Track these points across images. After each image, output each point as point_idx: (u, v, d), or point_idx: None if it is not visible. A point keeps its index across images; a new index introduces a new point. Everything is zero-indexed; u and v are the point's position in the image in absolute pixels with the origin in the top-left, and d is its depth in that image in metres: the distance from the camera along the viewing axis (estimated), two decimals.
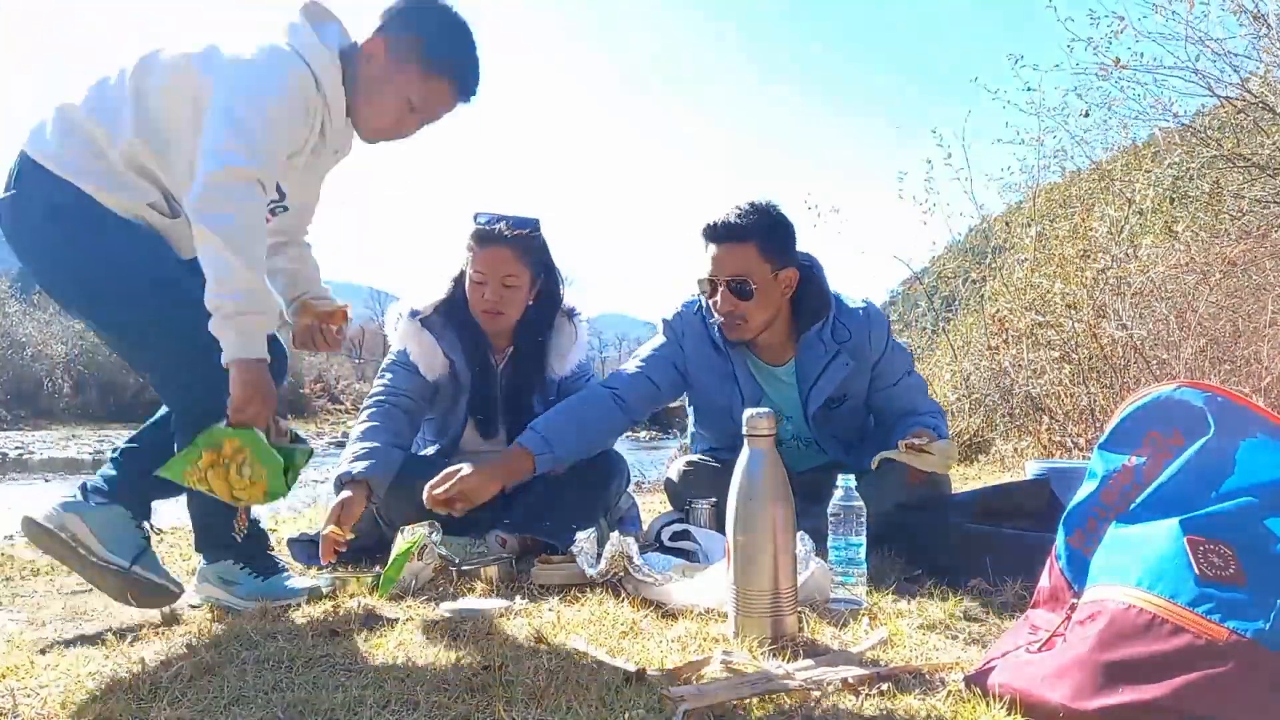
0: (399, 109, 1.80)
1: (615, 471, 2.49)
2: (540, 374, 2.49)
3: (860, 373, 2.37)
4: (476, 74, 1.83)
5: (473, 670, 1.27)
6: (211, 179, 1.55)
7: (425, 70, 1.77)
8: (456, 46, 1.81)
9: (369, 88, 1.78)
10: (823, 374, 2.33)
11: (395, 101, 1.79)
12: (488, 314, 2.36)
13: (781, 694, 1.14)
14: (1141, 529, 1.12)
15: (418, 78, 1.77)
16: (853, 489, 1.71)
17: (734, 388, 2.38)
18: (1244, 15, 5.21)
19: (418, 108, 1.80)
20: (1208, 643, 0.97)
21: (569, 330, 2.50)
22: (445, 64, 1.79)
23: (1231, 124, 5.68)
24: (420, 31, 1.77)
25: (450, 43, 1.80)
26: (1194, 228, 5.50)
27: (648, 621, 1.59)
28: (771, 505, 1.42)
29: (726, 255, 2.22)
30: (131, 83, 1.66)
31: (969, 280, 7.21)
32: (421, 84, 1.78)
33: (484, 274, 2.32)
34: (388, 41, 1.77)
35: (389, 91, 1.78)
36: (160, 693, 1.24)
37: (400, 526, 1.99)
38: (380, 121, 1.81)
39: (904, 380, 2.41)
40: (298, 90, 1.67)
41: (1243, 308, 4.38)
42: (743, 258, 2.21)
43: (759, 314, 2.27)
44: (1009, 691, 1.11)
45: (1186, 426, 1.18)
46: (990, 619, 1.62)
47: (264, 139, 1.60)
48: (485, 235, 2.33)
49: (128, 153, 1.66)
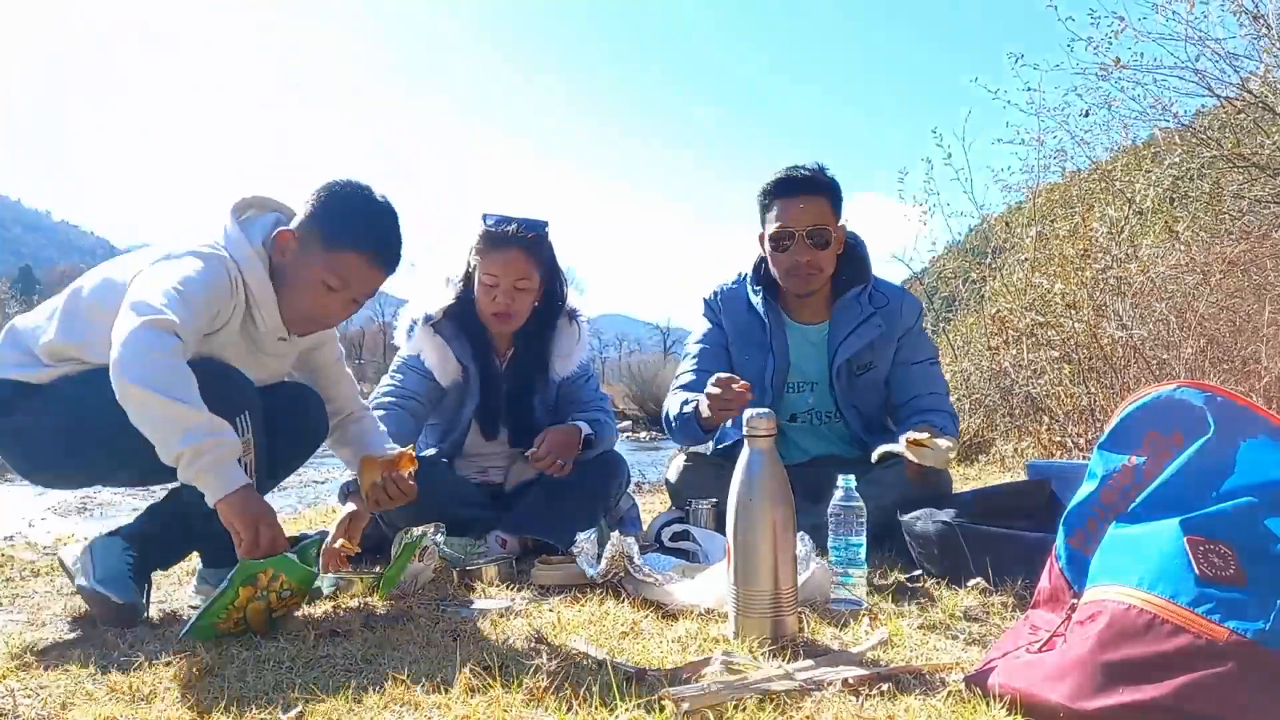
0: (315, 292, 1.79)
1: (615, 472, 2.49)
2: (543, 375, 2.48)
3: (888, 340, 2.46)
4: (388, 240, 1.81)
5: (473, 670, 1.27)
6: (126, 333, 1.53)
7: (328, 248, 1.76)
8: (359, 218, 1.79)
9: (286, 278, 1.79)
10: (854, 331, 2.44)
11: (309, 286, 1.78)
12: (498, 316, 2.35)
13: (782, 695, 1.14)
14: (1141, 529, 1.12)
15: (322, 257, 1.76)
16: (853, 489, 1.71)
17: (768, 355, 2.47)
18: (1244, 16, 5.21)
19: (336, 287, 1.79)
20: (1208, 643, 0.97)
21: (571, 331, 2.49)
22: (347, 237, 1.77)
23: (1232, 124, 5.68)
24: (319, 212, 1.78)
25: (351, 215, 1.78)
26: (1194, 228, 5.50)
27: (648, 622, 1.59)
28: (771, 506, 1.42)
29: (807, 206, 2.36)
30: (66, 303, 1.77)
31: (969, 280, 7.20)
32: (329, 262, 1.76)
33: (495, 277, 2.31)
34: (295, 232, 1.78)
35: (301, 277, 1.78)
36: (160, 693, 1.24)
37: (401, 527, 1.99)
38: (299, 307, 1.81)
39: (924, 366, 2.47)
40: (216, 272, 1.69)
41: (1243, 308, 4.38)
42: (820, 210, 2.37)
43: (829, 265, 2.41)
44: (1009, 692, 1.11)
45: (1186, 426, 1.18)
46: (990, 619, 1.62)
47: (178, 296, 1.61)
48: (497, 238, 2.32)
49: (49, 349, 1.74)
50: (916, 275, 7.95)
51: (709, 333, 2.58)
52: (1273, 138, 5.29)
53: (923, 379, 2.46)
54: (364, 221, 1.78)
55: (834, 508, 1.70)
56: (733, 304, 2.55)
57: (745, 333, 2.52)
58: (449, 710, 1.13)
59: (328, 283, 1.78)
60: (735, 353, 2.53)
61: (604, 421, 2.47)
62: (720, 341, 2.55)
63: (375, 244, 1.79)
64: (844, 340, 2.44)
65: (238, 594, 1.49)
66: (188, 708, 1.18)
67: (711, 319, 2.59)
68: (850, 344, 2.43)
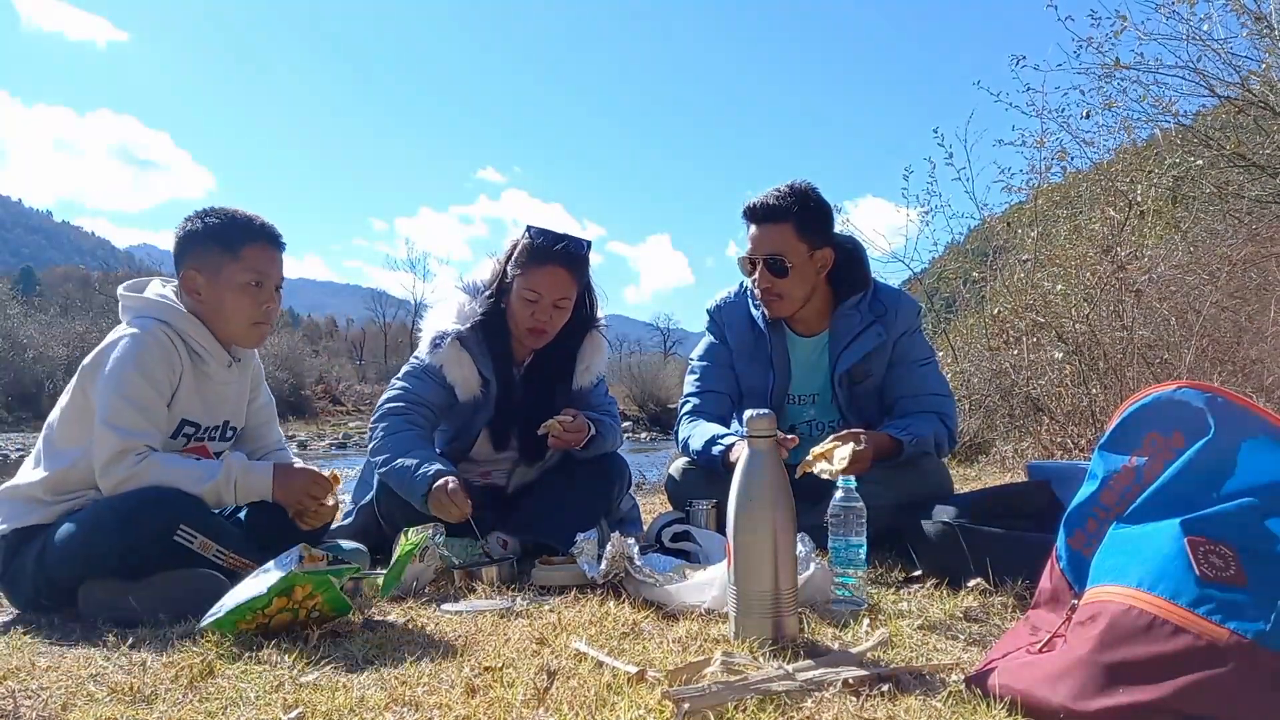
0: (245, 298, 2.00)
1: (616, 473, 2.49)
2: (565, 384, 2.47)
3: (885, 349, 2.44)
4: (268, 225, 2.06)
5: (473, 670, 1.27)
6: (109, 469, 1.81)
7: (233, 254, 1.99)
8: (239, 220, 2.02)
9: (212, 311, 2.00)
10: (855, 340, 2.42)
11: (236, 299, 2.00)
12: (534, 332, 2.34)
13: (782, 695, 1.14)
14: (1142, 530, 1.12)
15: (236, 266, 1.99)
16: (853, 489, 1.71)
17: (768, 370, 2.47)
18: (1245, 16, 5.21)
19: (260, 281, 2.01)
20: (1208, 644, 0.97)
21: (596, 343, 2.50)
22: (246, 236, 2.00)
23: (1233, 124, 5.68)
24: (204, 237, 2.00)
25: (234, 223, 2.01)
26: (1196, 229, 5.50)
27: (648, 623, 1.59)
28: (771, 506, 1.42)
29: (764, 235, 2.34)
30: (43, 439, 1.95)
31: (969, 281, 7.20)
32: (243, 265, 1.99)
33: (538, 294, 2.30)
34: (196, 267, 1.99)
35: (223, 296, 1.99)
36: (160, 693, 1.24)
37: (402, 528, 1.99)
38: (239, 320, 2.02)
39: (916, 366, 2.45)
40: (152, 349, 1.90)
41: (1244, 308, 4.38)
42: (779, 237, 2.33)
43: (795, 290, 2.38)
44: (1009, 692, 1.11)
45: (1187, 427, 1.18)
46: (990, 619, 1.62)
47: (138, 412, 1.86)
48: (544, 254, 2.30)
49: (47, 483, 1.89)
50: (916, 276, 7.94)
51: (712, 348, 2.58)
52: (1273, 137, 5.29)
53: (914, 379, 2.44)
54: (247, 220, 2.02)
55: (834, 508, 1.70)
56: (734, 317, 2.54)
57: (747, 346, 2.51)
58: (449, 710, 1.13)
59: (248, 282, 1.99)
60: (739, 366, 2.52)
61: (609, 425, 2.48)
62: (724, 358, 2.54)
63: (268, 232, 2.04)
64: (844, 350, 2.42)
65: (270, 602, 1.50)
66: (188, 708, 1.18)
67: (715, 333, 2.58)
68: (853, 352, 2.42)
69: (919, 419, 2.33)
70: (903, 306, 2.46)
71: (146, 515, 1.76)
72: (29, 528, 1.86)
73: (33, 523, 1.86)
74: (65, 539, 1.78)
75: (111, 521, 1.76)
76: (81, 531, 1.77)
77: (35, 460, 1.95)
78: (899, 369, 2.45)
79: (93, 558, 1.76)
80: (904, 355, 2.45)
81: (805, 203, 2.35)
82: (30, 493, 1.89)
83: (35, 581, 1.83)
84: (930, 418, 2.36)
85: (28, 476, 1.92)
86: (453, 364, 2.34)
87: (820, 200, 2.38)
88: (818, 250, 2.36)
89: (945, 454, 2.45)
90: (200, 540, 1.79)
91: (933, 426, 2.34)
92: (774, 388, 2.47)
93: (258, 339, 2.09)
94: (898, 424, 2.30)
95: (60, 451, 1.91)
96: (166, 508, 1.79)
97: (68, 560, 1.77)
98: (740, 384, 2.53)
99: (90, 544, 1.76)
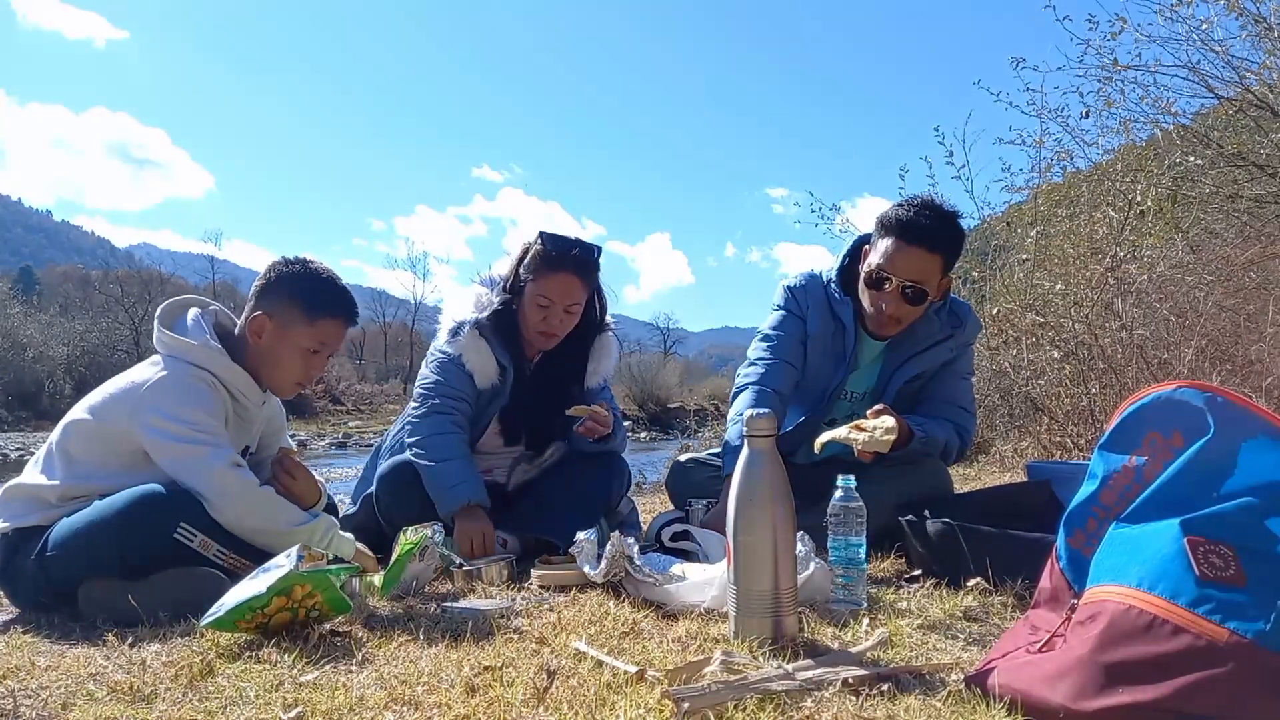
0: (301, 360, 2.06)
1: (616, 472, 2.49)
2: (578, 385, 2.50)
3: (948, 359, 2.40)
4: (353, 303, 2.14)
5: (473, 670, 1.27)
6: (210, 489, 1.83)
7: (312, 320, 2.04)
8: (332, 290, 2.09)
9: (266, 358, 2.05)
10: (928, 350, 2.36)
11: (293, 357, 2.06)
12: (544, 335, 2.37)
13: (782, 695, 1.14)
14: (1142, 529, 1.12)
15: (307, 331, 2.05)
16: (853, 489, 1.70)
17: (841, 366, 2.39)
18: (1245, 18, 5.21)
19: (319, 350, 2.08)
20: (1208, 643, 0.97)
21: (605, 346, 2.51)
22: (327, 308, 2.07)
23: (1233, 124, 5.67)
24: (291, 291, 2.04)
25: (323, 291, 2.07)
26: (1195, 229, 5.49)
27: (648, 622, 1.59)
28: (771, 506, 1.42)
29: (913, 260, 2.20)
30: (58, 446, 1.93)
31: (969, 280, 7.20)
32: (314, 333, 2.05)
33: (550, 299, 2.32)
34: (270, 314, 2.03)
35: (284, 352, 2.05)
36: (160, 693, 1.25)
37: (403, 527, 1.99)
38: (287, 377, 2.09)
39: (957, 379, 2.43)
40: (202, 392, 1.94)
41: (1244, 308, 4.37)
42: (929, 267, 2.21)
43: (913, 319, 2.28)
44: (1009, 692, 1.11)
45: (1186, 427, 1.18)
46: (990, 619, 1.62)
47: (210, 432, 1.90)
48: (556, 261, 2.33)
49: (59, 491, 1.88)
50: None
51: (788, 320, 2.45)
52: (1272, 137, 5.29)
53: (949, 388, 2.42)
54: (337, 293, 2.09)
55: (834, 508, 1.70)
56: (816, 301, 2.43)
57: (824, 337, 2.42)
58: (449, 710, 1.13)
59: (312, 348, 2.06)
60: (810, 353, 2.43)
61: (622, 425, 2.51)
62: (800, 335, 2.43)
63: (348, 309, 2.11)
64: (914, 356, 2.37)
65: (270, 601, 1.50)
66: (188, 707, 1.18)
67: (795, 310, 2.45)
68: (919, 362, 2.37)
69: (938, 423, 2.31)
70: (971, 322, 2.43)
71: (146, 514, 1.76)
72: (30, 528, 1.85)
73: (34, 523, 1.85)
74: (65, 538, 1.78)
75: (112, 520, 1.76)
76: (82, 530, 1.77)
77: (45, 466, 1.93)
78: (943, 373, 2.43)
79: (93, 557, 1.76)
80: (953, 366, 2.43)
81: (958, 235, 2.27)
82: (38, 494, 1.89)
83: (35, 581, 1.82)
84: (948, 426, 2.35)
85: (36, 479, 1.91)
86: (471, 351, 2.36)
87: (963, 231, 2.31)
88: (943, 279, 2.29)
89: (948, 464, 2.44)
90: (200, 539, 1.79)
91: (947, 433, 2.33)
92: (839, 385, 2.43)
93: (292, 394, 2.17)
94: (916, 418, 2.27)
95: (78, 460, 1.90)
96: (166, 506, 1.79)
97: (68, 559, 1.77)
98: (807, 374, 2.45)
99: (90, 543, 1.75)
